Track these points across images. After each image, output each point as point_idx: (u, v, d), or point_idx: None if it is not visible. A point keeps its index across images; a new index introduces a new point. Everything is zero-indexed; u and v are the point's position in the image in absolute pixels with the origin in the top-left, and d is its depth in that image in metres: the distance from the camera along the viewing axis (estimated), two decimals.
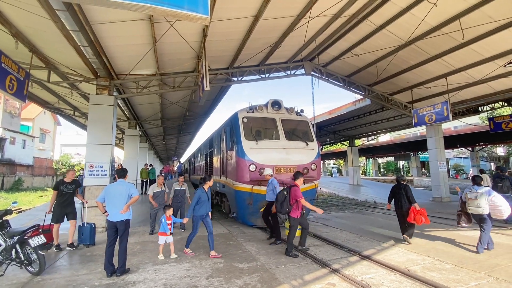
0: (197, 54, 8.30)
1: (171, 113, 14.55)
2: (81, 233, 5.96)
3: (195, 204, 5.22)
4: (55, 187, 5.79)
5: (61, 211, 5.74)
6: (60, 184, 5.81)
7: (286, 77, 11.26)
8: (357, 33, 9.11)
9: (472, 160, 29.89)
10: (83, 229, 5.98)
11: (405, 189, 5.93)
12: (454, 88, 11.09)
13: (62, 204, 5.75)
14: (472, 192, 5.33)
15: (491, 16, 7.44)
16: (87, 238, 5.95)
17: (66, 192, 5.80)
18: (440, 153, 13.59)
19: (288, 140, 7.50)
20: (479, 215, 5.26)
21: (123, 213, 4.29)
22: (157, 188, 7.12)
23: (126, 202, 4.37)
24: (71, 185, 5.87)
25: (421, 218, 5.45)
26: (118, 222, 4.28)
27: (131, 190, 4.45)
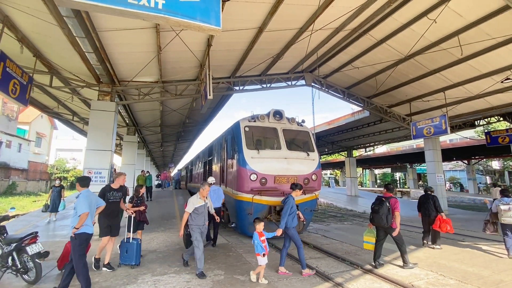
0: (200, 63, 8.38)
1: (171, 120, 14.54)
2: (124, 251, 4.99)
3: (288, 214, 4.76)
4: (101, 194, 4.84)
5: (106, 223, 4.87)
6: (107, 190, 4.94)
7: (286, 87, 11.38)
8: (358, 46, 9.29)
9: (468, 173, 30.17)
10: (128, 245, 4.99)
11: (433, 199, 6.71)
12: (452, 102, 11.28)
13: (108, 215, 4.82)
14: (505, 204, 5.82)
15: (488, 34, 7.66)
16: (132, 257, 4.92)
17: (113, 200, 4.91)
18: (438, 166, 13.68)
19: (289, 150, 7.49)
20: (510, 225, 5.79)
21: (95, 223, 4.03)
22: (200, 201, 4.89)
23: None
24: (118, 192, 5.01)
25: (446, 226, 5.90)
26: (91, 234, 3.92)
27: (99, 200, 4.25)
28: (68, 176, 33.49)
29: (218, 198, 6.90)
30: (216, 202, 6.72)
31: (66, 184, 32.75)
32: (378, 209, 5.19)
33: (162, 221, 9.44)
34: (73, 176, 34.00)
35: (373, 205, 5.39)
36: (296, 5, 6.31)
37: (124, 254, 4.98)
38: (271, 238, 7.16)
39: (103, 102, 7.90)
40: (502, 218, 5.87)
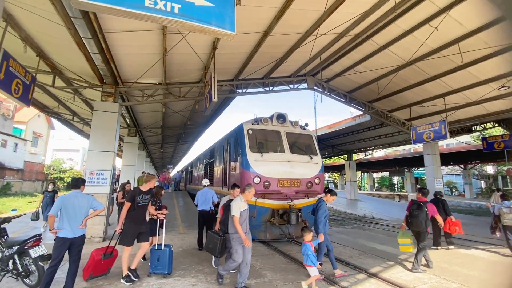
0: (205, 65, 8.42)
1: (172, 122, 14.53)
2: (155, 258, 4.65)
3: (323, 218, 4.86)
4: (131, 197, 4.41)
5: (134, 230, 4.44)
6: (137, 193, 4.50)
7: (289, 90, 11.45)
8: (361, 51, 9.39)
9: (464, 178, 30.50)
10: (160, 253, 4.63)
11: (443, 203, 7.00)
12: (451, 107, 11.42)
13: (137, 219, 4.48)
14: (507, 207, 6.26)
15: (486, 42, 7.79)
16: (165, 265, 4.60)
17: (143, 204, 4.54)
18: (436, 170, 13.79)
19: (292, 153, 7.54)
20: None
21: (82, 228, 3.83)
22: (244, 204, 4.29)
23: (85, 216, 3.91)
24: (147, 195, 4.65)
25: (456, 228, 6.06)
26: (78, 237, 3.80)
27: (94, 203, 4.03)
28: (64, 177, 33.19)
29: (206, 201, 6.68)
30: (203, 205, 6.62)
31: (62, 184, 32.46)
32: (417, 214, 5.24)
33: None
34: (69, 177, 33.70)
35: (412, 210, 5.41)
36: (303, 10, 6.37)
37: (155, 262, 4.63)
38: (274, 242, 7.25)
39: (106, 103, 7.88)
40: (504, 221, 6.26)
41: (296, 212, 6.96)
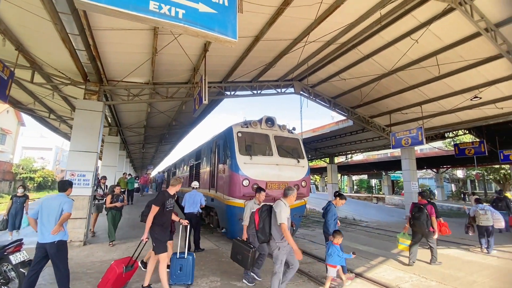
0: (194, 67, 8.36)
1: (157, 122, 14.21)
2: (177, 268, 4.30)
3: (333, 221, 5.02)
4: (161, 202, 4.02)
5: (165, 237, 4.13)
6: (166, 198, 4.12)
7: (276, 94, 11.62)
8: (346, 59, 9.77)
9: (436, 181, 32.33)
10: (183, 262, 4.30)
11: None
12: (427, 115, 12.14)
13: (167, 226, 4.21)
14: (482, 209, 7.11)
15: (461, 56, 8.42)
16: (188, 275, 4.29)
17: (170, 209, 4.21)
18: (413, 174, 14.57)
19: (280, 156, 7.66)
20: (486, 227, 6.97)
21: (54, 234, 3.56)
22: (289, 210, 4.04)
23: (57, 220, 3.66)
24: (172, 200, 4.32)
25: (446, 229, 6.39)
26: (48, 244, 3.56)
27: (65, 205, 3.72)
28: (35, 177, 31.23)
29: (194, 203, 6.76)
30: (191, 207, 6.70)
31: (32, 185, 30.49)
32: (419, 216, 5.83)
33: (136, 228, 9.07)
34: (41, 177, 31.75)
35: (414, 212, 6.00)
36: (294, 18, 6.54)
37: (177, 273, 4.29)
38: None
39: (89, 102, 7.59)
40: (480, 221, 7.07)
41: None
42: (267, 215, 4.07)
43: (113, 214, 7.12)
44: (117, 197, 7.22)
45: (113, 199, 7.12)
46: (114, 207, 7.10)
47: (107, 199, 7.08)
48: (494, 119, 11.32)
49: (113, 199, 7.12)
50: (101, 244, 7.02)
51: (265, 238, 4.04)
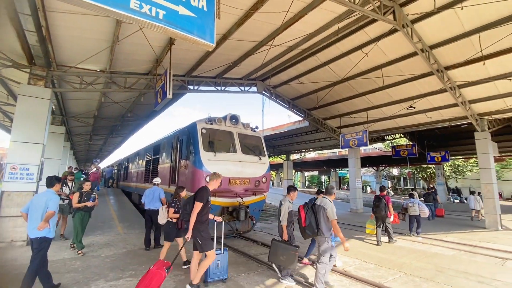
0: (157, 58, 8.10)
1: (109, 113, 13.22)
2: (216, 264, 4.27)
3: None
4: (205, 198, 3.92)
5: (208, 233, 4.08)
6: (209, 194, 4.03)
7: (240, 92, 11.86)
8: (306, 64, 10.48)
9: (376, 178, 36.39)
10: (220, 257, 4.33)
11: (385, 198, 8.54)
12: (372, 120, 13.69)
13: (207, 222, 4.10)
14: (411, 203, 8.95)
15: (401, 70, 9.76)
16: (225, 270, 4.40)
17: (209, 205, 4.13)
18: (357, 172, 16.29)
19: (243, 153, 7.95)
20: (414, 216, 8.85)
21: (39, 230, 3.64)
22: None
23: (43, 216, 3.72)
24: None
25: (396, 219, 8.03)
26: (33, 238, 3.69)
27: (50, 202, 3.77)
28: None
29: (153, 199, 6.62)
30: (151, 203, 6.58)
31: None
32: (379, 204, 7.64)
33: (97, 224, 8.60)
34: None
35: (375, 201, 7.83)
36: (262, 22, 6.85)
37: (215, 269, 4.32)
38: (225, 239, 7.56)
39: (35, 88, 6.81)
40: (410, 212, 8.93)
41: (245, 209, 7.42)
42: (312, 212, 4.29)
43: (81, 216, 5.87)
44: (88, 195, 5.93)
45: (82, 198, 5.88)
46: (83, 207, 5.83)
47: (74, 197, 5.89)
48: (424, 126, 13.35)
49: (82, 197, 5.89)
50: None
51: (313, 233, 4.25)
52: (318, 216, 4.24)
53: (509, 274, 5.32)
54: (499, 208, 10.62)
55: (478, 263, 6.08)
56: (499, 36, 7.10)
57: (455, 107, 10.71)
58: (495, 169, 11.43)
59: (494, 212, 10.41)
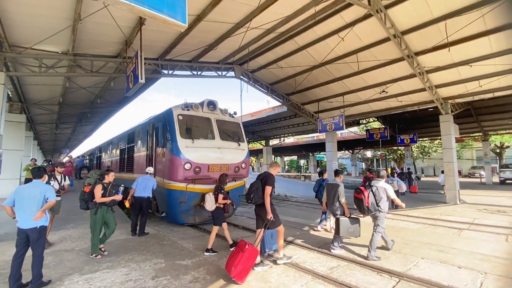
0: (126, 40, 7.58)
1: (76, 99, 12.33)
2: (270, 236, 4.95)
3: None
4: (273, 183, 4.61)
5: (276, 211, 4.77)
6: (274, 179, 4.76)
7: (216, 77, 11.54)
8: (283, 49, 10.38)
9: (351, 161, 38.03)
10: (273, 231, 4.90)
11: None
12: (348, 104, 14.06)
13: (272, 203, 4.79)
14: (391, 180, 9.62)
15: (375, 56, 10.01)
16: (275, 241, 4.92)
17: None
18: (334, 155, 16.87)
19: (222, 140, 7.86)
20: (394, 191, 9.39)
21: (37, 220, 3.72)
22: None
23: (41, 206, 3.79)
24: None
25: None
26: (30, 229, 3.71)
27: (48, 193, 3.88)
28: None
29: (146, 188, 6.64)
30: (143, 191, 6.58)
31: None
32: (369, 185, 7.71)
33: (69, 217, 8.21)
34: None
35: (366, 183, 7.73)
36: (238, 3, 6.60)
37: (270, 240, 4.96)
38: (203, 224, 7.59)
39: None
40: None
41: (225, 195, 7.44)
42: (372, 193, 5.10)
43: (104, 212, 5.01)
44: (114, 188, 5.07)
45: (108, 191, 4.98)
46: (110, 201, 4.98)
47: (96, 190, 4.90)
48: (395, 110, 13.96)
49: (107, 190, 4.99)
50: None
51: (374, 210, 5.07)
52: (377, 196, 5.05)
53: (464, 242, 5.91)
54: (458, 184, 11.62)
55: (439, 234, 6.67)
56: (462, 23, 7.45)
57: (423, 92, 11.27)
58: (456, 149, 12.38)
59: (454, 188, 11.39)
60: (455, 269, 4.38)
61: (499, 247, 5.56)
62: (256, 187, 4.55)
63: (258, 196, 4.49)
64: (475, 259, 4.83)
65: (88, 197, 5.06)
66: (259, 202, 4.51)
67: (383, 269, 4.35)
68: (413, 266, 4.52)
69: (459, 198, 11.50)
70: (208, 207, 5.42)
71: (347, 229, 5.34)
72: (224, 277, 4.12)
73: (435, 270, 4.36)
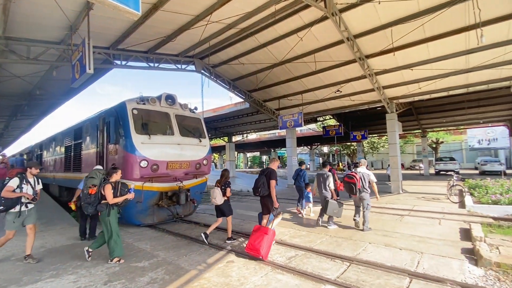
0: (71, 25, 6.84)
1: (9, 89, 10.76)
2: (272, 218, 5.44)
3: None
4: (276, 177, 5.37)
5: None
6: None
7: (175, 70, 11.07)
8: (245, 45, 10.40)
9: (310, 156, 39.96)
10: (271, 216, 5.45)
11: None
12: (306, 102, 14.69)
13: None
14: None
15: (331, 56, 10.60)
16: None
17: None
18: (294, 151, 17.54)
19: (182, 136, 7.61)
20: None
21: None
22: None
23: None
24: None
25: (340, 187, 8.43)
26: None
27: None
28: None
29: None
30: None
31: None
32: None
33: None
34: None
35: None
36: None
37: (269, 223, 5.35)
38: (161, 224, 7.31)
39: None
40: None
41: (185, 193, 7.25)
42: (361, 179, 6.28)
43: (116, 213, 4.72)
44: (125, 186, 4.73)
45: (118, 190, 4.60)
46: (123, 201, 4.65)
47: (107, 191, 4.45)
48: (349, 108, 14.98)
49: (117, 189, 4.60)
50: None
51: (363, 192, 6.25)
52: (364, 181, 6.27)
53: (405, 226, 6.67)
54: (401, 176, 13.02)
55: (384, 220, 7.42)
56: (405, 31, 8.30)
57: (372, 92, 12.30)
58: (399, 144, 13.82)
59: (397, 179, 12.73)
60: (397, 251, 4.92)
61: (433, 229, 6.38)
62: (262, 181, 5.30)
63: (265, 189, 5.26)
64: (414, 241, 5.48)
65: (95, 200, 4.59)
66: (265, 194, 5.28)
67: (336, 255, 4.70)
68: (362, 251, 4.96)
69: (402, 188, 12.90)
70: (217, 201, 5.74)
71: (333, 209, 6.47)
72: (184, 275, 4.04)
73: (381, 253, 4.85)
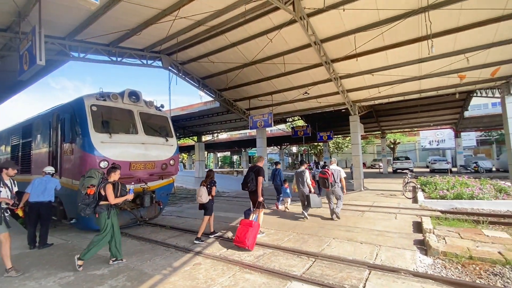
0: (19, 11, 6.16)
1: None
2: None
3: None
4: (263, 174, 5.82)
5: None
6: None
7: (141, 65, 10.53)
8: (215, 43, 10.25)
9: (279, 155, 40.74)
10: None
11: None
12: (276, 103, 14.94)
13: None
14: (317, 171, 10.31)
15: (299, 59, 10.90)
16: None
17: None
18: (264, 150, 17.71)
19: (147, 135, 7.26)
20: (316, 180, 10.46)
21: None
22: None
23: None
24: None
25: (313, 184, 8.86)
26: None
27: None
28: None
29: (45, 191, 5.56)
30: (40, 196, 5.50)
31: None
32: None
33: None
34: None
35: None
36: None
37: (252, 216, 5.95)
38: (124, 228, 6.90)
39: None
40: (317, 178, 9.97)
41: (150, 195, 6.94)
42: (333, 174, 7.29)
43: (116, 214, 4.70)
44: (125, 186, 4.72)
45: (119, 190, 4.53)
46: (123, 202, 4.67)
47: (109, 191, 4.34)
48: (316, 110, 15.53)
49: (118, 190, 4.52)
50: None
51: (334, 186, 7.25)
52: (336, 176, 7.27)
53: (365, 222, 7.10)
54: (363, 174, 13.86)
55: (347, 216, 7.83)
56: (367, 38, 8.86)
57: (337, 95, 12.91)
58: (361, 144, 14.70)
59: (359, 178, 13.53)
60: (358, 245, 5.23)
61: (390, 223, 6.88)
62: (251, 177, 5.71)
63: (253, 185, 5.68)
64: (373, 235, 5.86)
65: (93, 201, 4.35)
66: (254, 189, 5.68)
67: (302, 251, 4.84)
68: (326, 246, 5.18)
69: (363, 185, 13.74)
70: (203, 199, 5.72)
71: (315, 202, 7.43)
72: (147, 280, 3.85)
73: (343, 247, 5.11)
